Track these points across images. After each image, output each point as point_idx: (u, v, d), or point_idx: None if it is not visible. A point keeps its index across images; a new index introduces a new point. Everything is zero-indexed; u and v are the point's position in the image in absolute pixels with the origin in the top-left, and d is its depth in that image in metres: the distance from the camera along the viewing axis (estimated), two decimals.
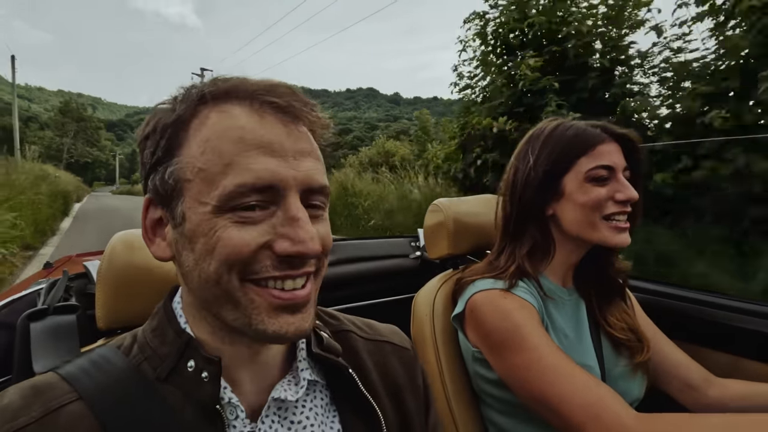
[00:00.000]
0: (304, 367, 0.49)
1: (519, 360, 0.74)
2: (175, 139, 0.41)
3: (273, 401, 0.46)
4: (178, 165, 0.41)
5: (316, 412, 0.49)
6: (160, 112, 0.43)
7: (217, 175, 0.39)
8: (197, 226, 0.40)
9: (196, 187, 0.40)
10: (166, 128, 0.42)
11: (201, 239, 0.39)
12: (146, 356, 0.44)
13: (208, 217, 0.39)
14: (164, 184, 0.41)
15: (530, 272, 0.85)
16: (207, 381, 0.42)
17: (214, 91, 0.42)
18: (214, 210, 0.39)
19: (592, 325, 0.88)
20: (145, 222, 0.45)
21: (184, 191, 0.40)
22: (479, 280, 0.86)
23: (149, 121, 0.44)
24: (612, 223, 0.82)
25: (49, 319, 0.72)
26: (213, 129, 0.40)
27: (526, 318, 0.76)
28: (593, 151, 0.82)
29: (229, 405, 0.44)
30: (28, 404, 0.39)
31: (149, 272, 0.70)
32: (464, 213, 1.04)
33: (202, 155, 0.39)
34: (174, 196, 0.41)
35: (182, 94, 0.44)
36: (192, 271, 0.41)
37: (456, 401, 0.87)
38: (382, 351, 0.58)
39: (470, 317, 0.83)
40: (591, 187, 0.82)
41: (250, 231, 0.39)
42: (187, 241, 0.41)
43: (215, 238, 0.39)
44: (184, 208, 0.40)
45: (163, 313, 0.47)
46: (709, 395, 0.86)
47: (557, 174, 0.84)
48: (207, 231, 0.39)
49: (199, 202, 0.39)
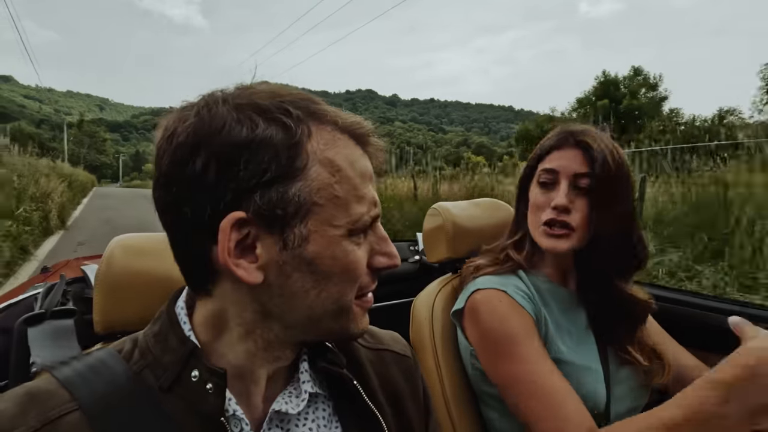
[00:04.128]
0: (306, 379, 0.49)
1: (508, 370, 0.75)
2: (295, 160, 0.40)
3: (275, 414, 0.46)
4: (305, 189, 0.40)
5: (319, 424, 0.48)
6: (256, 125, 0.39)
7: (349, 203, 0.42)
8: (325, 249, 0.41)
9: (328, 211, 0.41)
10: (282, 147, 0.39)
11: (328, 261, 0.42)
12: (148, 363, 0.43)
13: (338, 241, 0.42)
14: (280, 204, 0.39)
15: (517, 261, 0.88)
16: (211, 392, 0.41)
17: (316, 114, 0.43)
18: (345, 234, 0.42)
19: (596, 332, 0.87)
20: (230, 242, 0.39)
21: (310, 214, 0.40)
22: (481, 277, 0.87)
23: (231, 131, 0.39)
24: (546, 228, 0.83)
25: (47, 323, 0.72)
26: (341, 157, 0.42)
27: (520, 328, 0.77)
28: (548, 156, 0.85)
29: (234, 418, 0.43)
30: (24, 412, 0.38)
31: (147, 277, 0.70)
32: (463, 217, 1.04)
33: (337, 183, 0.41)
34: (292, 218, 0.40)
35: (271, 106, 0.40)
36: (307, 291, 0.42)
37: (454, 404, 0.87)
38: (384, 360, 0.58)
39: (469, 315, 0.84)
40: (539, 190, 0.86)
41: (361, 251, 0.44)
42: (304, 263, 0.41)
43: (346, 259, 0.43)
44: (308, 231, 0.41)
45: (166, 317, 0.46)
46: None
47: (528, 176, 0.90)
48: (336, 253, 0.42)
49: (331, 225, 0.41)
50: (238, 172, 0.38)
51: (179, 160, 0.39)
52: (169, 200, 0.41)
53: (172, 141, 0.40)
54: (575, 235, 0.81)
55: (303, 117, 0.41)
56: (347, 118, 0.44)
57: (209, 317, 0.45)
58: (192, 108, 0.41)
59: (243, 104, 0.40)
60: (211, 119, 0.39)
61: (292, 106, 0.41)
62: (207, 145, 0.39)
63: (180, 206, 0.40)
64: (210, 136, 0.39)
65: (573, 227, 0.81)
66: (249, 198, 0.39)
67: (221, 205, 0.39)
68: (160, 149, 0.41)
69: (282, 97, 0.42)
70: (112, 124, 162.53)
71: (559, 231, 0.81)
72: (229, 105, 0.40)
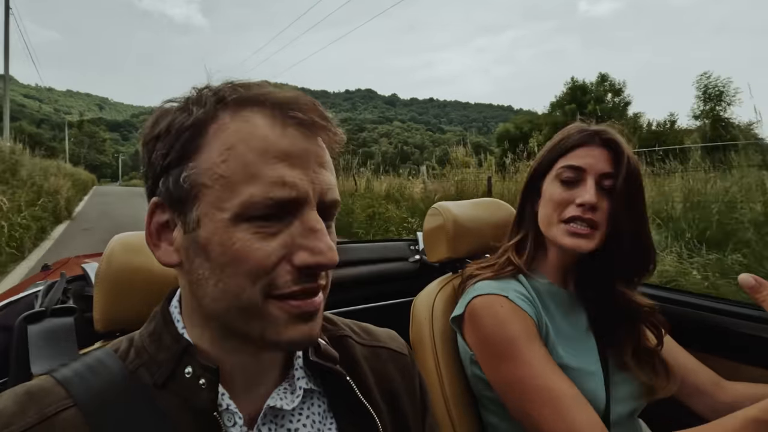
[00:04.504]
0: (300, 375, 0.49)
1: (511, 373, 0.74)
2: (192, 142, 0.40)
3: (269, 409, 0.46)
4: (195, 170, 0.40)
5: (313, 420, 0.49)
6: (173, 112, 0.42)
7: (239, 184, 0.38)
8: (213, 234, 0.39)
9: (214, 193, 0.39)
10: (183, 130, 0.40)
11: (217, 248, 0.39)
12: (143, 361, 0.44)
13: (225, 224, 0.39)
14: (178, 187, 0.40)
15: (517, 265, 0.86)
16: (204, 388, 0.42)
17: (235, 97, 0.41)
18: (232, 218, 0.39)
19: (597, 333, 0.86)
20: (150, 226, 0.43)
21: (200, 196, 0.40)
22: (480, 282, 0.86)
23: (158, 121, 0.42)
24: (569, 226, 0.80)
25: (47, 321, 0.72)
26: (236, 136, 0.39)
27: (523, 330, 0.76)
28: (572, 153, 0.82)
29: (227, 412, 0.44)
30: (22, 410, 0.38)
31: (147, 275, 0.70)
32: (463, 216, 1.04)
33: (224, 162, 0.39)
34: (188, 201, 0.40)
35: (195, 95, 0.43)
36: (206, 279, 0.40)
37: (454, 404, 0.86)
38: (379, 357, 0.58)
39: (469, 321, 0.83)
40: (557, 186, 0.83)
41: (270, 243, 0.39)
42: (200, 248, 0.40)
43: (235, 248, 0.39)
44: (199, 214, 0.40)
45: (160, 317, 0.47)
46: (720, 400, 0.84)
47: (541, 174, 0.87)
48: (225, 240, 0.39)
49: (217, 208, 0.39)
50: (151, 159, 0.42)
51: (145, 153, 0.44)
52: None
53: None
54: (598, 234, 0.80)
55: (214, 102, 0.41)
56: (278, 96, 0.41)
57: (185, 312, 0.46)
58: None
59: (189, 98, 0.43)
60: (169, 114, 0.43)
61: (211, 93, 0.42)
62: (151, 138, 0.43)
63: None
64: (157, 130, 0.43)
65: (598, 226, 0.79)
66: (160, 182, 0.42)
67: (148, 191, 0.44)
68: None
69: (213, 88, 0.43)
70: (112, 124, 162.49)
71: (585, 230, 0.79)
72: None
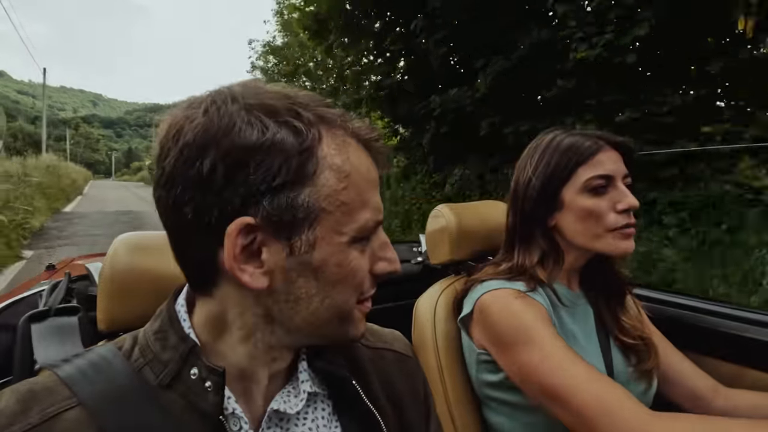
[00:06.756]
0: (305, 378, 0.49)
1: (529, 357, 0.73)
2: (306, 166, 0.39)
3: (273, 413, 0.46)
4: (313, 195, 0.39)
5: (318, 423, 0.48)
6: (267, 127, 0.38)
7: (356, 210, 0.42)
8: (330, 255, 0.41)
9: (334, 218, 0.41)
10: (293, 152, 0.38)
11: (334, 268, 0.42)
12: (148, 360, 0.43)
13: (343, 248, 0.42)
14: (289, 210, 0.39)
15: (544, 281, 0.84)
16: (210, 390, 0.41)
17: (326, 118, 0.42)
18: (349, 241, 0.42)
19: (600, 330, 0.88)
20: (235, 249, 0.39)
21: (318, 221, 0.40)
22: (488, 281, 0.86)
23: (241, 133, 0.38)
24: (621, 232, 0.81)
25: (51, 320, 0.72)
26: (351, 164, 0.42)
27: (537, 317, 0.76)
28: (592, 160, 0.81)
29: (233, 416, 0.43)
30: (24, 409, 0.38)
31: (151, 274, 0.70)
32: (467, 218, 1.04)
33: (345, 190, 0.41)
34: (301, 225, 0.40)
35: (286, 109, 0.40)
36: (310, 297, 0.42)
37: (456, 406, 0.87)
38: (384, 359, 0.58)
39: (478, 317, 0.83)
40: (590, 197, 0.81)
41: (365, 257, 0.44)
42: (309, 270, 0.41)
43: (351, 266, 0.42)
44: (315, 237, 0.40)
45: (166, 315, 0.46)
46: (716, 405, 0.85)
47: (556, 185, 0.84)
48: (342, 260, 0.42)
49: (336, 232, 0.41)
50: (247, 176, 0.37)
51: (185, 160, 0.38)
52: (171, 201, 0.39)
53: (178, 140, 0.39)
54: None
55: (314, 120, 0.40)
56: (356, 122, 0.44)
57: (210, 318, 0.45)
58: (199, 105, 0.40)
59: (253, 104, 0.39)
60: (221, 119, 0.38)
61: (302, 109, 0.40)
62: (216, 146, 0.37)
63: (182, 207, 0.39)
64: (219, 136, 0.38)
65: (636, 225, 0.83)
66: (257, 203, 0.38)
67: (228, 209, 0.38)
68: (164, 147, 0.40)
69: (292, 99, 0.41)
70: (106, 120, 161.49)
71: (631, 231, 0.82)
72: (239, 104, 0.39)
